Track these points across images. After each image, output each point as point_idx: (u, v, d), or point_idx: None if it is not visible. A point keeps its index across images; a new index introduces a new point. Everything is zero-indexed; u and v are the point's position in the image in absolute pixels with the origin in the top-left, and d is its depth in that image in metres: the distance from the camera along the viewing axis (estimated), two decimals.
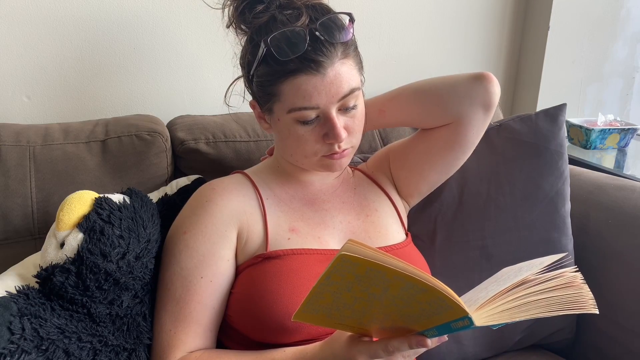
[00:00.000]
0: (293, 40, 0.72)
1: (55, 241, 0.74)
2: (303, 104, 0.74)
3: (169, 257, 0.82)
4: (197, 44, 1.18)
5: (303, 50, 0.72)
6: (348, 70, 0.75)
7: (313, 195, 0.88)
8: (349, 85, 0.75)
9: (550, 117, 1.01)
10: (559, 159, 1.00)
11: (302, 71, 0.72)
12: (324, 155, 0.79)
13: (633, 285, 0.95)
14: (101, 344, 0.73)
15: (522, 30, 1.51)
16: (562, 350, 1.04)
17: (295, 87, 0.73)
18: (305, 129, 0.77)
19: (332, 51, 0.73)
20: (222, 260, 0.80)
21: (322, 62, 0.72)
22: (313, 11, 0.76)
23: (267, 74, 0.75)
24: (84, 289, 0.71)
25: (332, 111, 0.75)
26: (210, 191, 0.84)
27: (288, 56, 0.72)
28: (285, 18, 0.75)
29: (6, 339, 0.63)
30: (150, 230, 0.79)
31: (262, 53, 0.74)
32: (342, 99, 0.75)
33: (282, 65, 0.73)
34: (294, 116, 0.76)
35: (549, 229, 0.99)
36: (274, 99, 0.77)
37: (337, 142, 0.77)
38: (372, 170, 0.96)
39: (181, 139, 1.05)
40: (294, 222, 0.83)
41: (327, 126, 0.76)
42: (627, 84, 1.59)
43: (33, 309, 0.68)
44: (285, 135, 0.80)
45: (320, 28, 0.73)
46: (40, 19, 1.06)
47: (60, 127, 1.02)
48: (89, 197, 0.76)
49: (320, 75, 0.73)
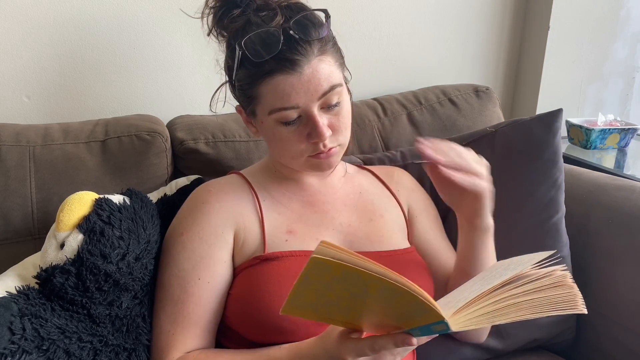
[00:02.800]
0: (267, 41, 0.72)
1: (55, 242, 0.74)
2: (282, 104, 0.73)
3: (166, 258, 0.82)
4: (197, 44, 1.18)
5: (277, 50, 0.71)
6: (327, 66, 0.74)
7: (312, 197, 0.87)
8: (328, 82, 0.74)
9: (545, 124, 1.00)
10: (552, 167, 1.00)
11: (278, 71, 0.72)
12: (310, 156, 0.79)
13: (633, 285, 0.95)
14: (101, 343, 0.73)
15: (522, 30, 1.51)
16: (563, 351, 1.04)
17: (273, 87, 0.73)
18: (288, 129, 0.76)
19: (307, 49, 0.72)
20: (219, 261, 0.80)
21: (298, 61, 0.72)
22: (288, 10, 0.75)
23: (246, 77, 0.75)
24: (83, 290, 0.71)
25: (314, 109, 0.74)
26: (207, 193, 0.84)
27: (263, 57, 0.72)
28: (260, 20, 0.75)
29: (7, 339, 0.63)
30: (150, 231, 0.79)
31: (239, 56, 0.74)
32: (323, 97, 0.74)
33: (258, 67, 0.73)
34: (275, 117, 0.75)
35: (542, 236, 0.99)
36: (255, 102, 0.77)
37: (321, 141, 0.76)
38: (387, 179, 0.95)
39: (180, 139, 1.05)
40: (292, 224, 0.83)
41: (310, 125, 0.75)
42: (627, 84, 1.59)
43: (33, 309, 0.68)
44: (270, 138, 0.80)
45: (294, 26, 0.72)
46: (40, 19, 1.06)
47: (60, 127, 1.02)
48: (89, 198, 0.76)
49: (297, 74, 0.72)
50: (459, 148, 0.76)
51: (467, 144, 1.04)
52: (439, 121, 1.23)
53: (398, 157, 1.10)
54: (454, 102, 1.25)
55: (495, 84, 1.53)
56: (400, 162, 1.08)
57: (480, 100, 1.27)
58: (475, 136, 1.06)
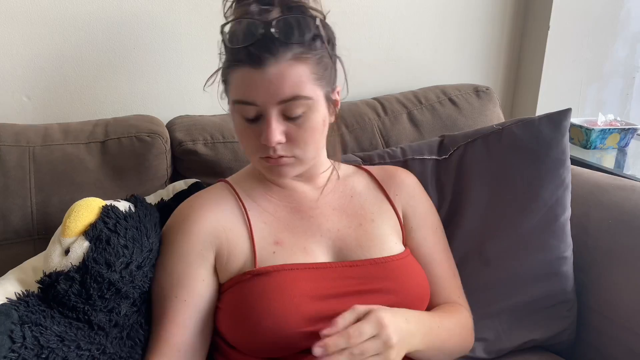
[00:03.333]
0: (246, 32, 0.72)
1: (60, 248, 0.73)
2: (242, 97, 0.74)
3: (153, 276, 0.81)
4: (197, 44, 1.18)
5: (251, 42, 0.71)
6: (296, 74, 0.72)
7: (298, 203, 0.85)
8: (292, 90, 0.72)
9: (553, 123, 0.99)
10: (560, 167, 0.99)
11: (247, 63, 0.72)
12: (261, 157, 0.78)
13: (633, 285, 0.95)
14: (99, 351, 0.73)
15: (522, 30, 1.51)
16: (563, 351, 1.04)
17: (239, 77, 0.74)
18: (247, 124, 0.76)
19: (280, 50, 0.71)
20: (197, 280, 0.79)
21: (266, 59, 0.71)
22: (285, 8, 0.74)
23: (225, 60, 0.76)
24: (86, 297, 0.71)
25: (271, 112, 0.73)
26: (188, 209, 0.83)
27: (238, 44, 0.72)
28: (257, 9, 0.74)
29: (7, 348, 0.63)
30: (153, 240, 0.79)
31: (222, 39, 0.76)
32: (283, 103, 0.72)
33: (233, 54, 0.74)
34: (237, 109, 0.76)
35: (547, 236, 0.99)
36: (227, 87, 0.78)
37: (268, 144, 0.74)
38: (385, 181, 0.92)
39: (179, 140, 1.05)
40: (279, 234, 0.81)
41: (264, 126, 0.74)
42: (627, 84, 1.59)
43: (34, 316, 0.68)
44: (235, 127, 0.80)
45: (277, 24, 0.71)
46: (40, 18, 1.06)
47: (60, 127, 1.01)
48: (96, 204, 0.76)
49: (260, 71, 0.71)
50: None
51: (473, 141, 1.05)
52: (439, 121, 1.23)
53: (398, 152, 1.09)
54: (454, 101, 1.25)
55: (495, 84, 1.53)
56: (401, 158, 1.08)
57: (480, 100, 1.27)
58: (481, 133, 1.06)
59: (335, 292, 0.77)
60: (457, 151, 1.06)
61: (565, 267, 1.00)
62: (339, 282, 0.78)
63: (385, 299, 0.78)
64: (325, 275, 0.79)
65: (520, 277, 0.99)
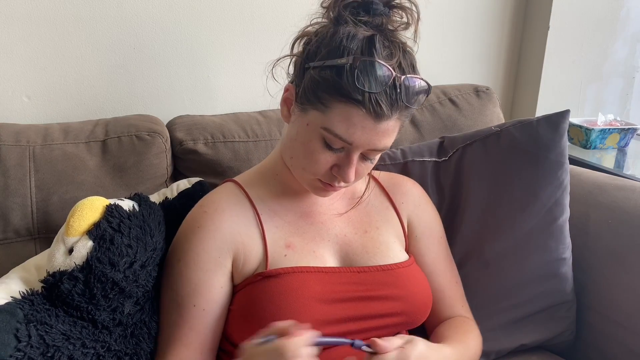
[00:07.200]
0: (379, 78, 0.70)
1: (63, 247, 0.73)
2: (343, 134, 0.72)
3: (166, 282, 0.82)
4: (197, 44, 1.18)
5: (378, 91, 0.70)
6: (394, 129, 0.74)
7: (308, 208, 0.86)
8: (386, 143, 0.75)
9: (552, 125, 0.99)
10: (558, 169, 0.98)
11: (364, 107, 0.70)
12: (320, 179, 0.78)
13: (633, 285, 0.95)
14: (104, 349, 0.73)
15: (522, 30, 1.51)
16: (563, 351, 1.04)
17: (348, 115, 0.71)
18: (324, 149, 0.75)
19: (396, 108, 0.72)
20: (216, 287, 0.79)
21: (384, 113, 0.71)
22: (403, 58, 0.74)
23: (332, 82, 0.71)
24: (90, 297, 0.71)
25: (357, 153, 0.74)
26: (202, 215, 0.82)
27: (364, 87, 0.69)
28: (380, 47, 0.72)
29: (13, 347, 0.63)
30: (157, 239, 0.79)
31: (343, 63, 0.70)
32: (373, 151, 0.75)
33: (351, 89, 0.70)
34: (325, 135, 0.73)
35: (546, 238, 0.99)
36: (319, 107, 0.73)
37: (345, 182, 0.76)
38: (391, 189, 0.93)
39: (180, 140, 1.05)
40: (290, 237, 0.82)
41: (343, 162, 0.75)
42: (627, 84, 1.59)
43: (39, 315, 0.68)
44: (301, 141, 0.76)
45: (405, 83, 0.71)
46: (41, 18, 1.06)
47: (60, 127, 1.02)
48: (100, 204, 0.76)
49: (374, 122, 0.71)
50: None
51: (472, 143, 1.05)
52: (439, 121, 1.23)
53: (398, 154, 1.09)
54: (454, 101, 1.25)
55: (495, 84, 1.53)
56: (401, 160, 1.08)
57: (480, 100, 1.27)
58: (480, 135, 1.06)
59: (344, 297, 0.78)
60: (457, 153, 1.06)
61: (564, 268, 1.00)
62: (348, 286, 0.80)
63: (392, 306, 0.80)
64: (334, 279, 0.80)
65: (519, 278, 0.99)
